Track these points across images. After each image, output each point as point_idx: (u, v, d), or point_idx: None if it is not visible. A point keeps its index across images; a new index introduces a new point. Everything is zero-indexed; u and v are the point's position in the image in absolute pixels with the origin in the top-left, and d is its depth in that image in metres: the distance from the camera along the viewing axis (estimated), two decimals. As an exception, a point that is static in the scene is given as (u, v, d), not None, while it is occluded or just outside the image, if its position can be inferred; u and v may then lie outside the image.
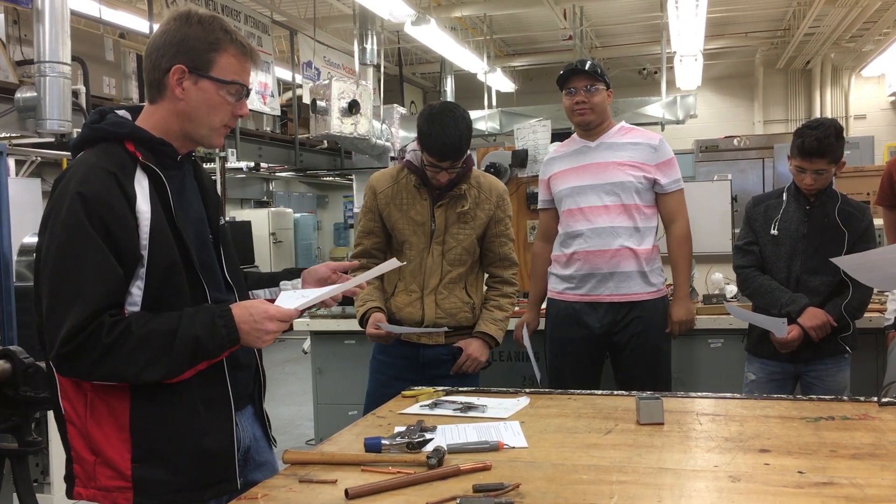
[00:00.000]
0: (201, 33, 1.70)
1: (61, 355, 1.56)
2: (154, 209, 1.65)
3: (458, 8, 10.80)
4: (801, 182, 3.04)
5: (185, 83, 1.69)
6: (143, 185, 1.66)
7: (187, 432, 1.68)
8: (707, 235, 4.04)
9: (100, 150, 1.68)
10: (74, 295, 1.56)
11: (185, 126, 1.73)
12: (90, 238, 1.57)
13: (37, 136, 5.85)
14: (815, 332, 2.98)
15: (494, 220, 2.97)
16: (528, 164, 4.28)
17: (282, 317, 1.67)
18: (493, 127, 11.57)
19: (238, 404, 1.78)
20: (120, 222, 1.60)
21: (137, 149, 1.68)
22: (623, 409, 2.12)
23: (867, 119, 14.36)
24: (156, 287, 1.65)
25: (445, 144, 2.75)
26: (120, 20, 8.57)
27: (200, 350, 1.61)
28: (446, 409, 2.15)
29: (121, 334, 1.56)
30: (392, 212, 2.93)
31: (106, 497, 1.68)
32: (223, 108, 1.73)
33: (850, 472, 1.58)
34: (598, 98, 3.12)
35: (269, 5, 9.78)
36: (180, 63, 1.68)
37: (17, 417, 2.19)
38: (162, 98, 1.72)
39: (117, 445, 1.65)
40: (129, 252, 1.61)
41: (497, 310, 3.00)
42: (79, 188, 1.59)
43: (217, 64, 1.70)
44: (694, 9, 8.68)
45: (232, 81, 1.72)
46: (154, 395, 1.65)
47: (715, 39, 13.05)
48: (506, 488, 1.50)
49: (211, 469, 1.71)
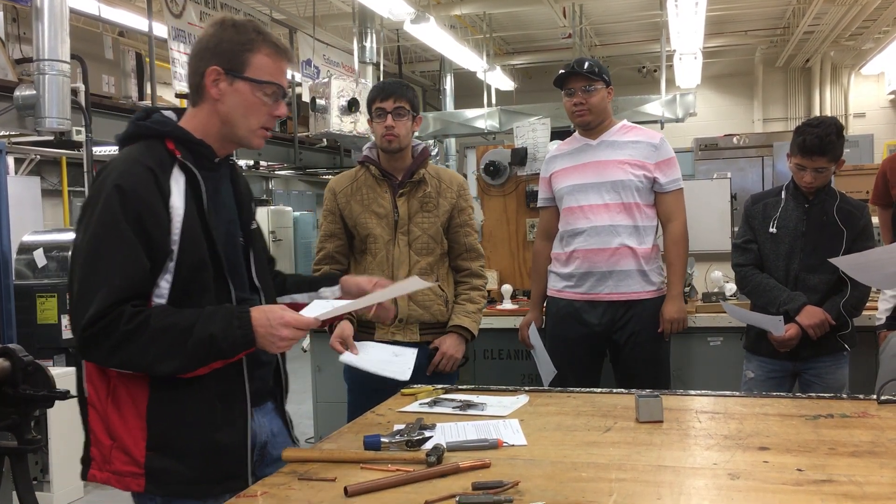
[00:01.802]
0: (235, 35, 1.75)
1: (83, 339, 1.62)
2: (187, 206, 1.71)
3: (457, 6, 10.80)
4: (801, 180, 3.04)
5: (221, 84, 1.74)
6: (179, 183, 1.72)
7: (201, 426, 1.72)
8: (706, 233, 4.04)
9: (142, 146, 1.74)
10: (101, 283, 1.62)
11: (224, 128, 1.78)
12: (122, 230, 1.63)
13: (36, 134, 5.85)
14: (814, 331, 2.98)
15: (457, 210, 2.97)
16: (528, 162, 4.27)
17: (298, 324, 1.69)
18: (492, 125, 11.57)
19: (256, 400, 1.82)
20: (153, 216, 1.66)
21: (177, 147, 1.74)
22: (622, 407, 2.12)
23: (866, 117, 14.36)
24: (183, 282, 1.70)
25: (386, 83, 2.91)
26: (119, 18, 8.57)
27: (214, 349, 1.65)
28: (445, 407, 2.15)
29: (139, 325, 1.62)
30: (353, 208, 2.92)
31: (119, 481, 1.72)
32: (260, 108, 1.77)
33: (849, 469, 1.58)
34: (596, 98, 3.12)
35: (268, 4, 9.78)
36: (215, 65, 1.74)
37: (17, 415, 2.19)
38: (202, 101, 1.78)
39: (134, 432, 1.70)
40: (159, 246, 1.67)
41: (469, 302, 2.96)
42: (117, 181, 1.66)
43: (251, 64, 1.75)
44: (693, 7, 8.68)
45: (267, 81, 1.76)
46: (172, 387, 1.69)
47: (714, 38, 13.05)
48: (505, 486, 1.50)
49: (222, 464, 1.75)
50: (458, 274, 3.03)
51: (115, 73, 6.94)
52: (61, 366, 5.74)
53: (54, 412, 4.25)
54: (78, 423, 1.81)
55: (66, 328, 6.11)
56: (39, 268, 6.57)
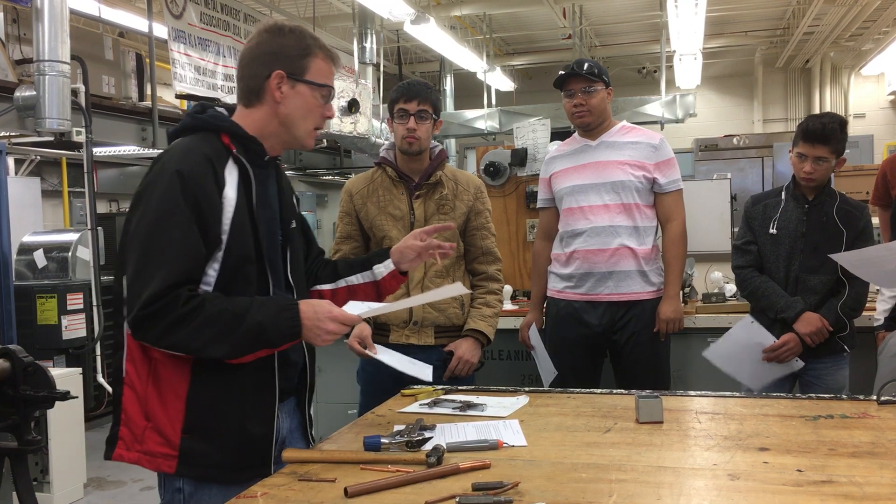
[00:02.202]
0: (294, 41, 1.85)
1: (139, 318, 1.67)
2: (238, 199, 1.78)
3: (457, 7, 10.80)
4: (801, 170, 3.03)
5: (284, 87, 1.84)
6: (233, 176, 1.80)
7: (235, 413, 1.78)
8: (706, 234, 4.04)
9: (197, 137, 1.82)
10: (160, 264, 1.67)
11: (282, 129, 1.87)
12: (182, 213, 1.70)
13: (36, 134, 5.84)
14: (811, 339, 2.99)
15: (474, 213, 2.95)
16: (528, 163, 4.27)
17: (343, 319, 1.77)
18: (492, 126, 11.57)
19: (280, 397, 1.87)
20: (209, 203, 1.73)
21: (232, 142, 1.82)
22: (622, 408, 2.12)
23: (866, 118, 14.35)
24: (228, 271, 1.77)
25: (410, 83, 2.89)
26: (119, 19, 8.56)
27: (263, 337, 1.71)
28: (445, 408, 2.15)
29: (194, 308, 1.67)
30: (369, 209, 2.91)
31: (150, 462, 1.77)
32: (317, 110, 1.88)
33: (848, 470, 1.59)
34: (595, 100, 3.12)
35: (268, 4, 9.78)
36: (279, 69, 1.83)
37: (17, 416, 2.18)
38: (260, 103, 1.86)
39: (172, 413, 1.75)
40: (213, 233, 1.74)
41: (485, 307, 2.95)
42: (178, 166, 1.73)
43: (311, 68, 1.85)
44: (693, 8, 8.68)
45: (323, 84, 1.87)
46: (212, 373, 1.75)
47: (714, 38, 13.05)
48: (505, 487, 1.50)
49: (250, 452, 1.80)
50: (474, 277, 3.01)
51: (116, 74, 6.93)
52: (61, 367, 5.75)
53: (54, 413, 4.26)
54: (77, 425, 1.81)
55: (66, 329, 6.11)
56: (39, 268, 6.58)
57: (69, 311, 6.15)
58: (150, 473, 1.86)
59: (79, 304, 6.26)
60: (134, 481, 5.08)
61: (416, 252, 2.11)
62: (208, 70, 7.39)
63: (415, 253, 2.11)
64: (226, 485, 1.77)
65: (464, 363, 2.86)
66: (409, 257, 2.11)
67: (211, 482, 1.78)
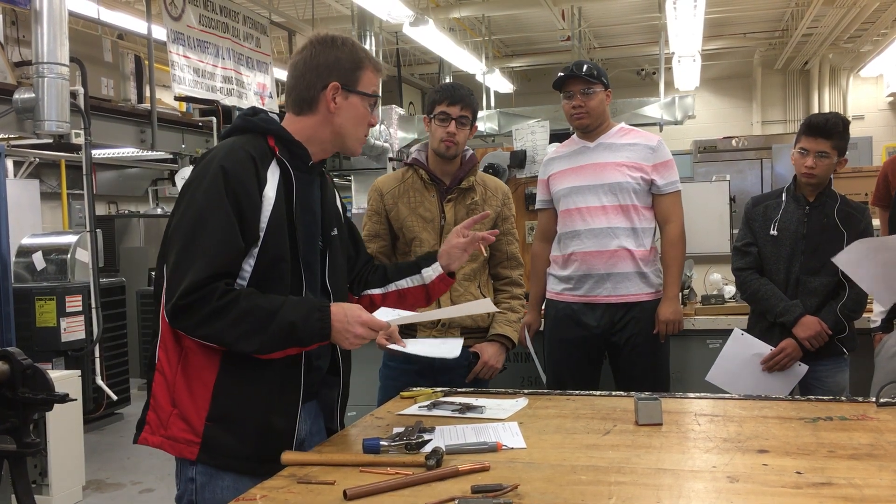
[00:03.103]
0: (348, 54, 1.92)
1: (178, 307, 1.72)
2: (277, 199, 1.83)
3: (456, 9, 10.80)
4: (802, 166, 3.03)
5: (338, 98, 1.91)
6: (275, 176, 1.85)
7: (260, 407, 1.82)
8: (705, 236, 4.04)
9: (245, 138, 1.89)
10: (200, 255, 1.73)
11: (334, 136, 1.94)
12: (224, 208, 1.76)
13: (35, 137, 5.84)
14: (810, 343, 2.99)
15: (501, 218, 2.99)
16: (527, 164, 4.28)
17: (372, 325, 1.81)
18: (491, 128, 11.58)
19: (304, 397, 1.90)
20: (249, 199, 1.79)
21: (276, 144, 1.89)
22: (621, 410, 2.12)
23: (865, 119, 14.37)
24: (263, 269, 1.81)
25: (454, 87, 2.91)
26: (118, 21, 8.57)
27: (293, 336, 1.75)
28: (445, 410, 2.15)
29: (230, 302, 1.72)
30: (400, 210, 2.91)
31: (173, 447, 1.82)
32: (366, 118, 1.96)
33: (848, 472, 1.59)
34: (594, 102, 3.12)
35: (267, 6, 9.78)
36: (335, 81, 1.90)
37: (16, 419, 2.18)
38: (312, 112, 1.92)
39: (198, 401, 1.80)
40: (251, 229, 1.79)
41: (510, 311, 2.99)
42: (222, 162, 1.79)
43: (362, 80, 1.93)
44: (692, 9, 8.69)
45: (372, 94, 1.96)
46: (240, 366, 1.80)
47: (713, 40, 13.06)
48: (504, 489, 1.50)
49: (271, 445, 1.81)
50: (497, 282, 3.04)
51: (114, 76, 6.93)
52: (60, 369, 5.74)
53: (53, 415, 4.25)
54: (76, 427, 1.82)
55: (65, 331, 6.11)
56: (38, 271, 6.57)
57: (68, 314, 6.14)
58: (150, 475, 1.87)
59: (78, 306, 6.25)
60: (133, 483, 5.07)
61: (462, 248, 2.15)
62: (207, 72, 7.39)
63: (461, 250, 2.16)
64: (246, 474, 1.80)
65: (489, 368, 2.90)
66: (456, 256, 2.16)
67: (230, 471, 1.82)
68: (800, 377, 3.05)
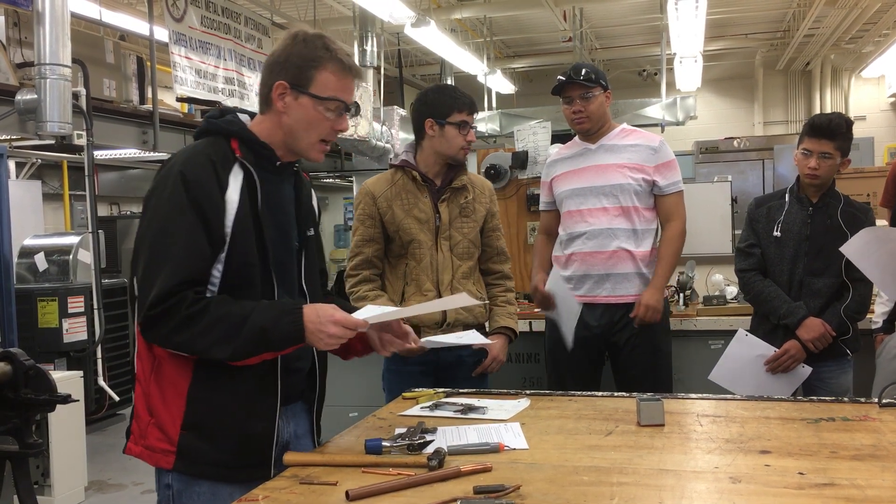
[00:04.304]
0: (304, 50, 1.82)
1: (148, 318, 1.71)
2: (241, 202, 1.79)
3: (457, 9, 10.80)
4: (805, 167, 3.02)
5: (287, 98, 1.82)
6: (237, 179, 1.80)
7: (235, 413, 1.79)
8: (707, 237, 4.04)
9: (208, 141, 1.85)
10: (165, 264, 1.71)
11: (286, 138, 1.86)
12: (187, 214, 1.72)
13: (37, 138, 5.86)
14: (814, 345, 2.98)
15: (490, 214, 3.03)
16: (528, 165, 4.28)
17: (346, 323, 1.74)
18: (493, 129, 11.57)
19: (284, 401, 1.87)
20: (213, 204, 1.75)
21: (239, 147, 1.83)
22: (623, 411, 2.12)
23: (867, 120, 14.34)
24: (232, 274, 1.78)
25: (464, 94, 2.93)
26: (120, 22, 8.58)
27: (265, 341, 1.71)
28: (447, 411, 2.15)
29: (200, 310, 1.70)
30: (395, 212, 2.91)
31: (151, 457, 1.81)
32: (322, 123, 1.84)
33: (850, 473, 1.58)
34: (594, 105, 3.12)
35: (268, 7, 9.79)
36: (283, 79, 1.81)
37: (18, 419, 2.18)
38: (269, 111, 1.86)
39: (172, 410, 1.78)
40: (216, 234, 1.76)
41: (508, 304, 3.04)
42: (181, 168, 1.76)
43: (316, 81, 1.81)
44: (694, 10, 8.68)
45: (330, 98, 1.82)
46: (214, 372, 1.77)
47: (715, 41, 13.05)
48: (506, 490, 1.50)
49: (249, 451, 1.81)
50: (490, 276, 3.07)
51: (117, 77, 6.94)
52: (62, 370, 5.74)
53: (55, 416, 4.25)
54: (79, 428, 1.83)
55: (67, 332, 6.12)
56: (40, 271, 6.58)
57: (70, 315, 6.15)
58: (151, 476, 1.87)
59: (80, 307, 6.26)
60: (135, 484, 5.08)
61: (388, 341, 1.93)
62: (209, 73, 7.39)
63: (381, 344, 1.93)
64: (224, 481, 1.79)
65: (497, 362, 2.94)
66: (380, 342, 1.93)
67: (207, 479, 1.80)
68: (803, 379, 3.05)
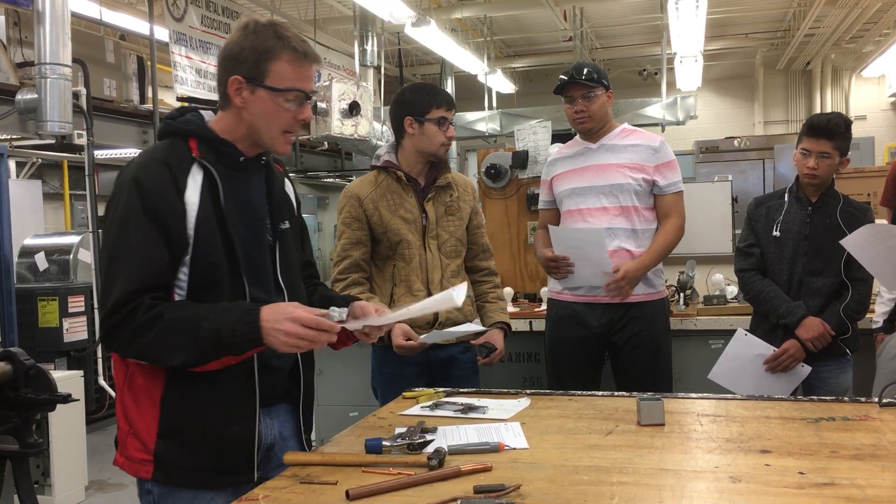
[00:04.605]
0: (256, 42, 1.76)
1: (104, 329, 1.69)
2: (202, 202, 1.74)
3: (458, 9, 10.80)
4: (804, 167, 3.02)
5: (244, 93, 1.77)
6: (197, 180, 1.75)
7: (212, 418, 1.75)
8: (707, 236, 4.04)
9: (165, 143, 1.81)
10: (121, 274, 1.67)
11: (249, 133, 1.81)
12: (140, 222, 1.68)
13: (37, 137, 5.86)
14: (813, 344, 2.98)
15: (474, 212, 3.05)
16: (529, 165, 4.28)
17: (304, 320, 1.64)
18: (493, 128, 11.56)
19: (265, 402, 1.83)
20: (169, 207, 1.70)
21: (198, 146, 1.78)
22: (624, 410, 2.12)
23: (867, 120, 14.34)
24: (198, 276, 1.73)
25: (443, 91, 2.95)
26: (120, 22, 8.58)
27: (220, 344, 1.65)
28: (447, 411, 2.15)
29: (154, 317, 1.65)
30: (382, 214, 2.90)
31: (131, 467, 1.79)
32: (282, 115, 1.78)
33: (850, 472, 1.59)
34: (596, 105, 3.12)
35: (268, 7, 9.79)
36: (237, 74, 1.76)
37: (18, 419, 2.18)
38: (228, 106, 1.81)
39: (147, 419, 1.74)
40: (178, 238, 1.71)
41: (499, 300, 3.06)
42: (134, 175, 1.72)
43: (271, 73, 1.75)
44: (694, 10, 8.68)
45: (287, 89, 1.76)
46: (187, 379, 1.72)
47: (715, 40, 13.04)
48: (507, 489, 1.50)
49: (229, 457, 1.77)
50: (477, 273, 3.08)
51: (117, 77, 6.95)
52: (63, 369, 5.75)
53: (56, 416, 4.26)
54: (79, 428, 1.82)
55: (68, 331, 6.12)
56: (41, 271, 6.59)
57: (70, 314, 6.16)
58: (151, 477, 1.85)
59: (80, 306, 6.27)
60: (135, 484, 5.07)
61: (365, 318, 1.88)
62: (209, 73, 7.40)
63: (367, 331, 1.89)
64: (204, 488, 1.76)
65: (499, 354, 2.95)
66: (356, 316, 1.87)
67: (187, 487, 1.76)
68: (802, 378, 3.05)
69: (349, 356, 3.81)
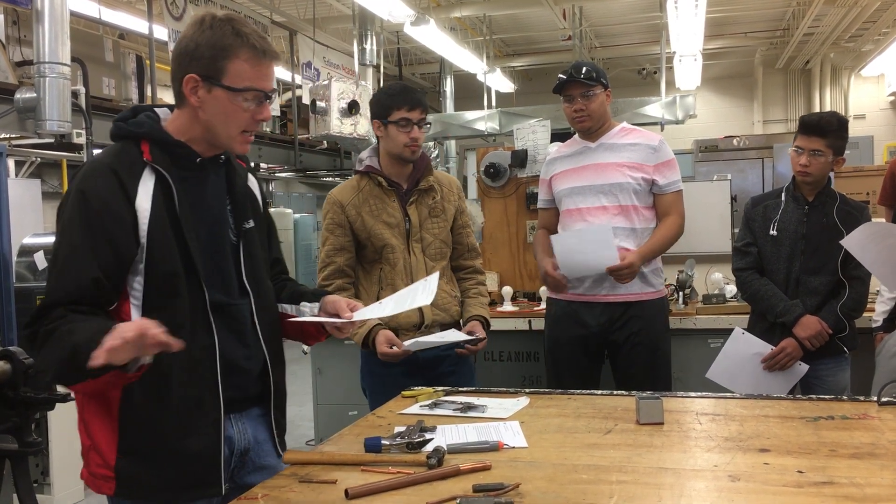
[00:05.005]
0: (212, 38, 1.67)
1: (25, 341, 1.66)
2: (155, 208, 1.67)
3: (457, 8, 10.80)
4: (797, 164, 3.03)
5: (200, 92, 1.69)
6: (148, 186, 1.68)
7: (172, 432, 1.69)
8: (706, 235, 4.04)
9: (115, 147, 1.74)
10: (48, 286, 1.64)
11: (206, 133, 1.73)
12: (77, 234, 1.63)
13: (36, 136, 5.85)
14: (810, 343, 2.99)
15: (459, 212, 3.02)
16: (528, 164, 4.28)
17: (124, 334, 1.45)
18: (492, 127, 11.55)
19: (235, 407, 1.78)
20: (114, 217, 1.64)
21: (151, 150, 1.70)
22: (623, 409, 2.12)
23: (866, 119, 14.35)
24: (154, 284, 1.67)
25: (408, 90, 2.89)
26: (119, 21, 8.58)
27: (77, 360, 1.48)
28: (446, 410, 2.16)
29: (50, 330, 1.57)
30: (365, 219, 2.88)
31: (94, 483, 1.73)
32: (240, 115, 1.71)
33: (849, 471, 1.59)
34: (595, 104, 3.12)
35: (268, 6, 9.78)
36: (193, 72, 1.67)
37: (17, 418, 2.18)
38: (183, 105, 1.73)
39: (107, 435, 1.69)
40: (126, 246, 1.64)
41: (480, 296, 3.05)
42: (80, 186, 1.66)
43: (229, 72, 1.67)
44: (693, 9, 8.68)
45: (245, 88, 1.69)
46: (144, 390, 1.66)
47: (714, 39, 13.05)
48: (506, 488, 1.51)
49: (193, 471, 1.71)
50: (461, 272, 3.07)
51: (116, 76, 6.95)
52: (62, 368, 5.73)
53: (55, 415, 4.25)
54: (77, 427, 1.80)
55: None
56: (40, 270, 6.57)
57: (70, 313, 6.14)
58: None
59: (79, 305, 6.25)
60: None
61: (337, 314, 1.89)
62: (208, 72, 7.38)
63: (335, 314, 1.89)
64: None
65: (482, 343, 2.91)
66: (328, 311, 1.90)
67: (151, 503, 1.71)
68: (800, 377, 3.05)
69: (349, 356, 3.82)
